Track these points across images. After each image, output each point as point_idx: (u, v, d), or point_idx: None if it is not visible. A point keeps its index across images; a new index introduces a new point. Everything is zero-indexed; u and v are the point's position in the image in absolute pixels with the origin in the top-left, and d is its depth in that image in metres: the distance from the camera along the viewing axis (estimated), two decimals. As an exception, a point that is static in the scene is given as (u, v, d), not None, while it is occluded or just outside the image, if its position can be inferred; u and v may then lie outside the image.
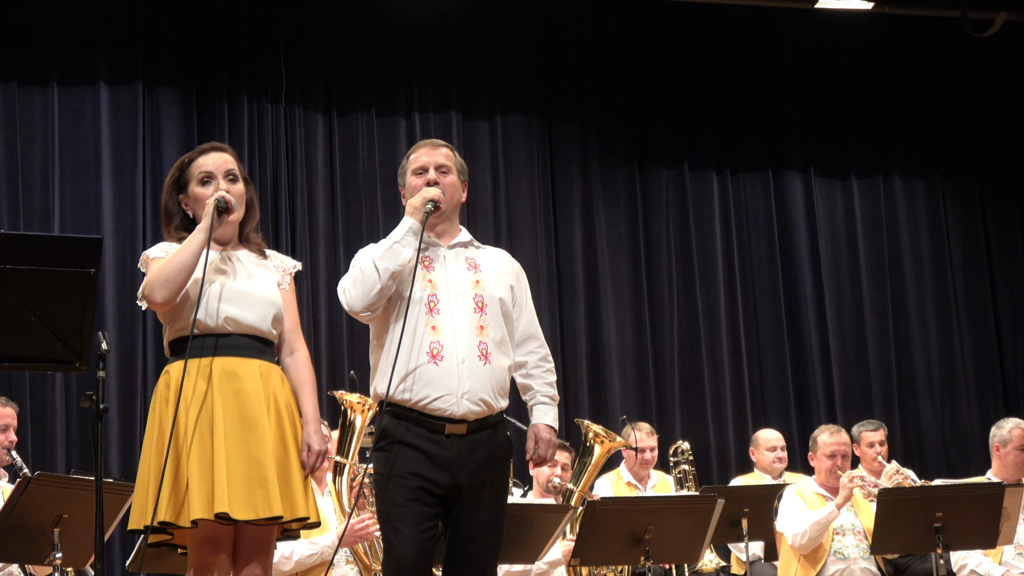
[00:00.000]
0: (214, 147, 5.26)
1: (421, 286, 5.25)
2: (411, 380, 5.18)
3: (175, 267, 4.94)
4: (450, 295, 5.28)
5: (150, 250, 5.14)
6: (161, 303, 4.95)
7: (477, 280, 5.35)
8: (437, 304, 5.24)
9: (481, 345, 5.23)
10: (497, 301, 5.34)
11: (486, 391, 5.22)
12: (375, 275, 5.17)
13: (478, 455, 5.21)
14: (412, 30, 11.07)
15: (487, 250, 5.55)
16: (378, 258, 5.18)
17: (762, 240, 11.81)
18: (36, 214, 10.06)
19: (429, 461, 5.14)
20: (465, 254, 5.41)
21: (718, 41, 11.79)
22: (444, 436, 5.16)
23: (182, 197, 5.19)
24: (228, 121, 10.59)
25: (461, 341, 5.21)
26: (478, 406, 5.19)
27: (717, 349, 11.47)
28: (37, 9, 10.20)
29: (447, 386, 5.16)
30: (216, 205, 5.03)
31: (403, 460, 5.15)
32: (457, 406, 5.15)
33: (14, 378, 9.32)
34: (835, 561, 8.03)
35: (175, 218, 5.20)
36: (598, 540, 7.11)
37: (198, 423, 4.90)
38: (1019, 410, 11.28)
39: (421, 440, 5.15)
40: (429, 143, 5.53)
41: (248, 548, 5.02)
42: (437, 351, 5.18)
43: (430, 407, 5.16)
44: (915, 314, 11.93)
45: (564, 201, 11.41)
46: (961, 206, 12.22)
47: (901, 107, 12.18)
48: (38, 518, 6.29)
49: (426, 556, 5.19)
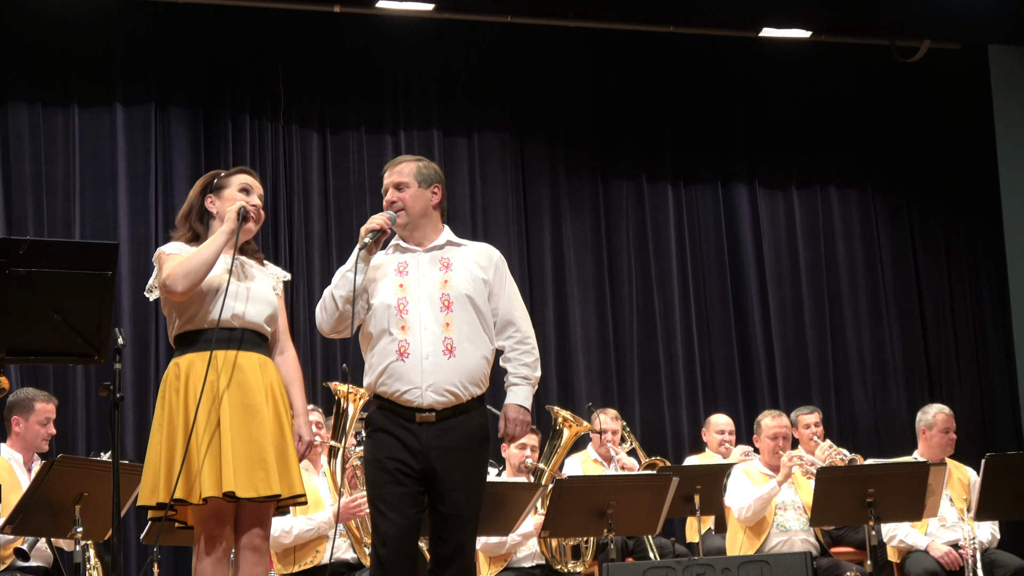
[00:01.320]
0: (252, 172, 5.33)
1: (394, 291, 5.30)
2: (385, 375, 5.24)
3: (198, 262, 4.96)
4: (419, 296, 5.31)
5: (164, 247, 5.16)
6: (182, 293, 4.97)
7: (446, 280, 5.35)
8: (406, 306, 5.28)
9: (446, 340, 5.25)
10: (464, 298, 5.34)
11: (452, 382, 5.24)
12: (333, 304, 5.32)
13: (449, 440, 5.22)
14: (397, 57, 11.05)
15: (466, 247, 5.53)
16: (333, 288, 5.32)
17: (712, 244, 11.81)
18: (59, 222, 10.04)
19: (403, 446, 5.19)
20: (440, 255, 5.41)
21: (673, 66, 11.78)
22: (416, 424, 5.19)
23: (211, 196, 5.20)
24: (232, 138, 10.57)
25: (426, 339, 5.25)
26: (443, 396, 5.22)
27: (672, 342, 11.48)
28: (60, 38, 10.17)
29: (412, 380, 5.21)
30: (240, 212, 5.05)
31: (383, 446, 5.22)
32: (423, 397, 5.20)
33: (39, 370, 9.30)
34: (778, 533, 8.05)
35: (194, 211, 5.22)
36: (565, 514, 7.12)
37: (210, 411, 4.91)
38: (943, 396, 11.33)
39: (396, 428, 5.21)
40: (391, 163, 5.54)
41: (249, 520, 5.05)
42: (404, 349, 5.23)
43: (402, 399, 5.22)
44: (849, 310, 11.95)
45: (534, 209, 11.40)
46: (890, 214, 12.24)
47: (837, 125, 12.19)
48: (61, 496, 6.28)
49: (409, 535, 5.21)
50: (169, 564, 8.71)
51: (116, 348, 5.14)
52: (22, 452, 6.96)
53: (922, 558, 7.83)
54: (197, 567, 4.98)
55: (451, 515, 5.23)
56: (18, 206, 9.98)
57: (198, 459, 4.87)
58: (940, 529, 7.98)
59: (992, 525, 8.07)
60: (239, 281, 5.08)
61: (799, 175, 12.09)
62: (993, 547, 8.04)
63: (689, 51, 11.69)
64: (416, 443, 5.19)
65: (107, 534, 6.49)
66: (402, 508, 5.17)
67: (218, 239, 5.00)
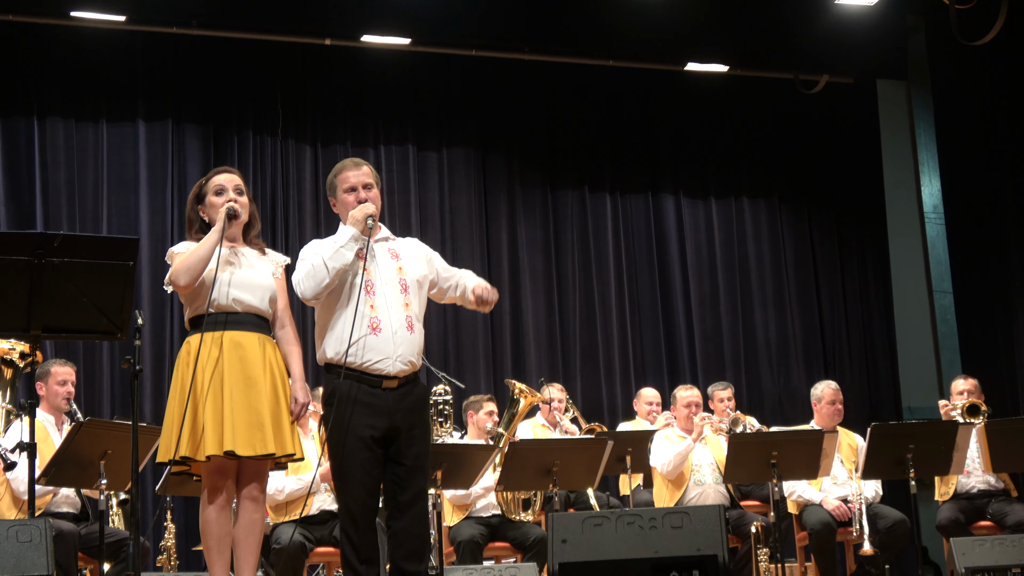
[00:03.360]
0: (225, 169, 5.27)
1: (360, 273, 5.20)
2: (356, 347, 5.12)
3: (195, 260, 4.93)
4: (381, 279, 5.23)
5: (174, 247, 5.13)
6: (184, 286, 4.96)
7: (400, 267, 5.31)
8: (373, 287, 5.20)
9: (408, 318, 5.22)
10: (415, 282, 5.32)
11: (412, 354, 5.21)
12: (324, 271, 5.12)
13: (407, 403, 5.18)
14: (379, 83, 11.03)
15: (403, 241, 5.49)
16: (328, 258, 5.12)
17: (643, 245, 11.83)
18: (89, 221, 10.02)
19: (371, 411, 5.11)
20: (388, 246, 5.36)
21: (612, 94, 11.79)
22: (381, 390, 5.13)
23: (200, 207, 5.16)
24: (237, 151, 10.56)
25: (393, 316, 5.19)
26: (406, 365, 5.18)
27: (609, 327, 11.50)
28: (92, 64, 10.15)
29: (385, 351, 5.14)
30: (227, 212, 5.02)
31: (356, 414, 5.10)
32: (392, 366, 5.13)
33: (71, 345, 9.24)
34: (695, 487, 8.06)
35: (195, 223, 5.18)
36: (518, 472, 7.12)
37: (211, 381, 4.90)
38: (836, 375, 11.39)
39: (364, 395, 5.11)
40: (352, 163, 5.42)
41: (248, 475, 5.04)
42: (376, 324, 5.15)
43: (372, 368, 5.12)
44: (757, 302, 12.00)
45: (494, 214, 11.40)
46: (793, 221, 12.29)
47: (749, 145, 12.23)
48: (88, 453, 6.25)
49: (374, 492, 5.19)
50: (180, 512, 8.68)
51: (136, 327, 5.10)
52: (52, 414, 6.91)
53: (816, 510, 7.86)
54: (203, 514, 4.97)
55: (412, 465, 5.18)
56: (54, 206, 9.97)
57: (202, 422, 4.85)
58: (832, 486, 8.01)
59: (876, 483, 8.10)
60: (240, 271, 5.05)
61: (717, 187, 12.12)
62: (876, 501, 8.07)
63: (626, 81, 11.69)
64: (383, 406, 5.13)
65: (127, 485, 6.46)
66: (370, 470, 5.12)
67: (211, 238, 4.97)
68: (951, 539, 7.21)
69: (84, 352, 9.47)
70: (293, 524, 6.94)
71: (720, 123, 12.14)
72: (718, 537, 5.07)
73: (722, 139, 12.17)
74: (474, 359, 10.98)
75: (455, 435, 7.94)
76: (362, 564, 5.13)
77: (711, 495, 8.03)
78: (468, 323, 10.99)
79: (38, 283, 4.84)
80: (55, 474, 6.30)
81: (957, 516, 7.94)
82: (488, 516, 7.67)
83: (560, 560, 5.07)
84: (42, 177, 9.94)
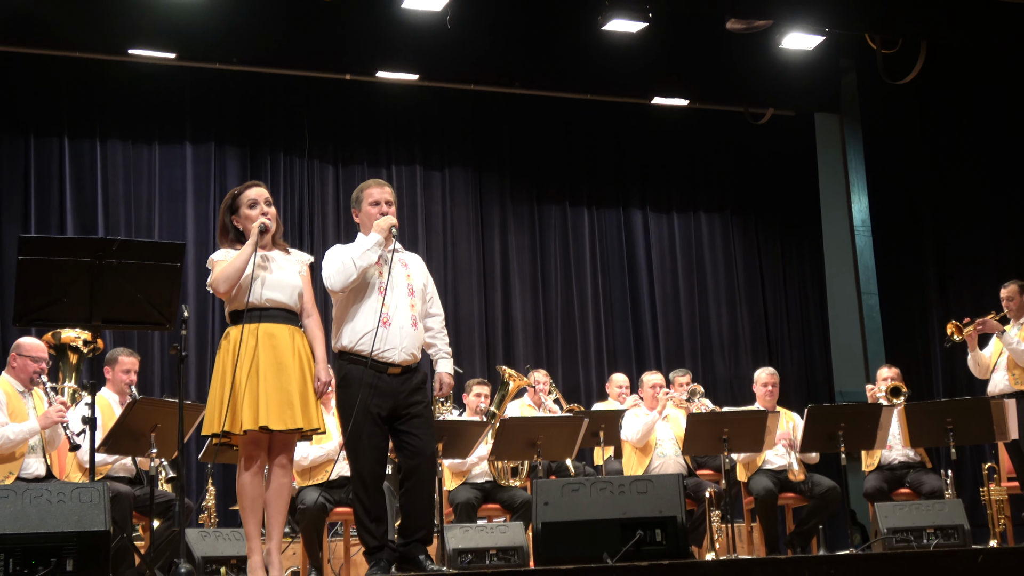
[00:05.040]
0: (255, 183, 5.24)
1: (378, 276, 5.27)
2: (368, 338, 5.18)
3: (232, 271, 4.92)
4: (394, 283, 5.30)
5: (214, 255, 5.10)
6: (224, 293, 4.96)
7: (408, 275, 5.41)
8: (386, 288, 5.24)
9: (412, 317, 5.30)
10: (420, 288, 5.42)
11: (415, 347, 5.30)
12: (352, 268, 5.22)
13: (407, 387, 5.25)
14: (391, 112, 11.03)
15: (410, 254, 5.57)
16: (356, 258, 5.21)
17: (615, 252, 11.84)
18: (143, 228, 10.03)
19: (378, 392, 5.17)
20: (399, 256, 5.44)
21: (588, 123, 11.80)
22: (386, 376, 5.19)
23: (235, 217, 5.14)
24: (270, 169, 10.56)
25: (401, 313, 5.27)
26: (409, 356, 5.26)
27: (586, 321, 11.50)
28: (146, 94, 10.15)
29: (392, 342, 5.22)
30: (260, 228, 5.01)
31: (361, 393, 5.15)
32: (398, 355, 5.22)
33: (127, 334, 9.22)
34: (658, 458, 8.04)
35: (229, 231, 5.16)
36: (507, 444, 7.11)
37: (249, 367, 4.88)
38: (778, 362, 11.45)
39: (372, 378, 5.17)
40: (376, 183, 5.50)
41: (278, 446, 5.03)
42: (387, 319, 5.24)
43: (381, 356, 5.19)
44: (712, 300, 12.01)
45: (488, 224, 11.39)
46: (742, 232, 12.31)
47: (705, 167, 12.25)
48: (141, 426, 6.23)
49: (381, 460, 5.26)
50: (219, 477, 8.66)
51: (182, 319, 5.11)
52: (117, 394, 6.90)
53: (761, 479, 7.83)
54: (240, 479, 4.96)
55: (417, 432, 5.25)
56: (113, 215, 9.95)
57: (240, 401, 4.85)
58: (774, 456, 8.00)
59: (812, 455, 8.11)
60: (271, 274, 5.03)
61: (678, 203, 12.14)
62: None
63: (600, 112, 11.70)
64: (387, 389, 5.20)
65: (174, 454, 6.45)
66: (376, 442, 5.21)
67: (246, 251, 4.94)
68: (875, 504, 7.23)
69: (138, 340, 9.44)
70: (316, 488, 6.94)
71: (681, 149, 12.15)
72: (677, 501, 5.08)
73: (682, 162, 12.18)
74: (471, 348, 10.98)
75: (454, 413, 7.95)
76: (372, 522, 5.20)
77: (671, 465, 8.02)
78: (466, 318, 11.00)
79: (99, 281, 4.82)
80: (112, 444, 6.29)
81: (881, 484, 7.94)
82: (482, 482, 7.66)
83: (543, 520, 5.08)
84: (103, 191, 9.92)
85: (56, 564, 4.23)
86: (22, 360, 6.30)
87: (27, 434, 6.09)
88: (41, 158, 9.82)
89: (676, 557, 4.96)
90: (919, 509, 6.89)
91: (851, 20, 9.97)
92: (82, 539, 4.30)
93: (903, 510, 6.89)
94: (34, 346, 6.39)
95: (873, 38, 10.58)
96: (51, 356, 6.96)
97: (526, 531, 6.54)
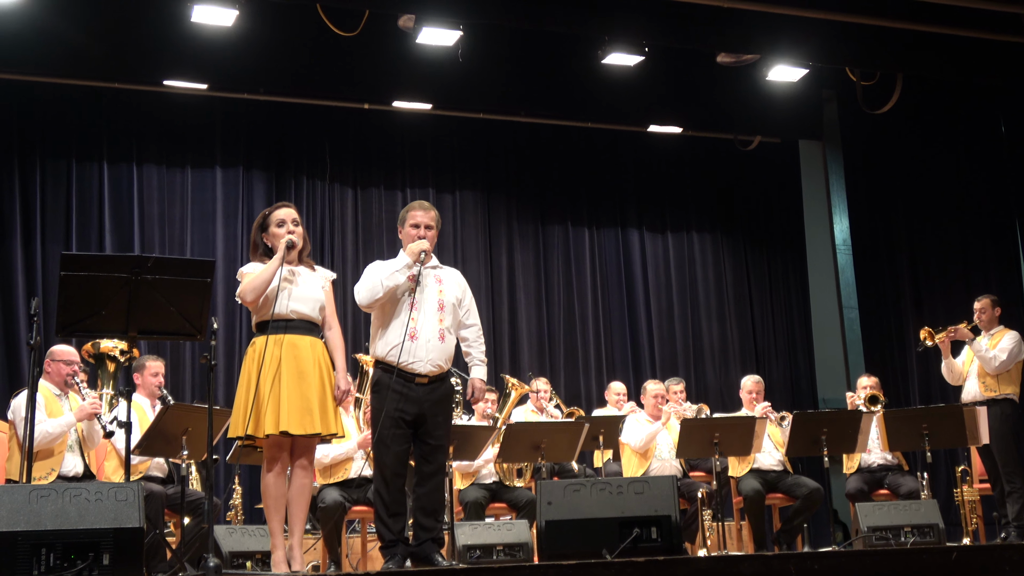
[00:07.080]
0: (284, 204, 5.26)
1: (409, 293, 5.27)
2: (398, 349, 5.19)
3: (260, 282, 4.92)
4: (424, 299, 5.31)
5: (244, 267, 5.11)
6: (251, 302, 4.96)
7: (440, 291, 5.40)
8: (416, 303, 5.25)
9: (440, 331, 5.30)
10: (451, 304, 5.39)
11: (441, 359, 5.29)
12: (379, 288, 5.26)
13: (434, 396, 5.27)
14: (406, 138, 11.04)
15: (447, 270, 5.56)
16: (384, 278, 5.25)
17: (614, 269, 11.82)
18: (176, 246, 10.02)
19: (405, 399, 5.19)
20: (434, 273, 5.43)
21: (589, 148, 11.80)
22: (414, 384, 5.20)
23: (264, 234, 5.15)
24: (294, 191, 10.56)
25: (429, 327, 5.27)
26: (435, 367, 5.25)
27: (586, 333, 11.48)
28: (179, 122, 10.15)
29: (419, 355, 5.23)
30: (286, 244, 5.01)
31: (391, 400, 5.16)
32: (424, 367, 5.23)
33: (160, 344, 9.23)
34: (656, 461, 8.04)
35: (259, 247, 5.17)
36: (513, 447, 7.10)
37: (273, 375, 4.88)
38: (765, 371, 11.40)
39: (400, 386, 5.18)
40: (420, 205, 5.50)
41: (299, 449, 5.02)
42: (415, 333, 5.25)
43: (408, 367, 5.19)
44: (704, 313, 11.98)
45: (496, 243, 11.39)
46: (732, 251, 12.28)
47: (697, 190, 12.23)
48: (173, 430, 6.24)
49: (403, 460, 5.26)
50: (245, 477, 8.65)
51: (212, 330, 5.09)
52: (148, 398, 6.91)
53: (750, 480, 7.82)
54: (264, 479, 4.95)
55: (436, 444, 5.29)
56: (148, 234, 9.96)
57: (264, 407, 4.84)
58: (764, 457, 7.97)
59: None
60: (296, 288, 5.03)
61: (672, 224, 12.11)
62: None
63: (600, 139, 11.71)
64: (415, 396, 5.21)
65: (204, 456, 6.44)
66: (399, 444, 5.22)
67: (272, 264, 4.95)
68: (856, 504, 7.20)
69: (171, 350, 9.45)
70: (335, 487, 6.92)
71: (674, 173, 12.14)
72: (671, 501, 5.07)
73: (676, 186, 12.16)
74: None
75: (464, 418, 7.94)
76: (390, 517, 5.21)
77: (667, 468, 8.01)
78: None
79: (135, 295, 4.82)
80: (147, 446, 6.30)
81: (861, 486, 7.92)
82: (489, 482, 7.65)
83: (546, 518, 5.08)
84: (139, 212, 9.93)
85: (93, 558, 4.23)
86: (55, 365, 6.41)
87: (64, 427, 6.18)
88: (82, 181, 9.84)
89: (670, 553, 4.95)
90: (897, 509, 6.87)
91: (832, 54, 10.02)
92: (118, 535, 4.29)
93: (882, 510, 6.87)
94: (64, 351, 6.49)
95: (853, 71, 10.59)
96: (90, 365, 7.01)
97: (531, 528, 6.52)
